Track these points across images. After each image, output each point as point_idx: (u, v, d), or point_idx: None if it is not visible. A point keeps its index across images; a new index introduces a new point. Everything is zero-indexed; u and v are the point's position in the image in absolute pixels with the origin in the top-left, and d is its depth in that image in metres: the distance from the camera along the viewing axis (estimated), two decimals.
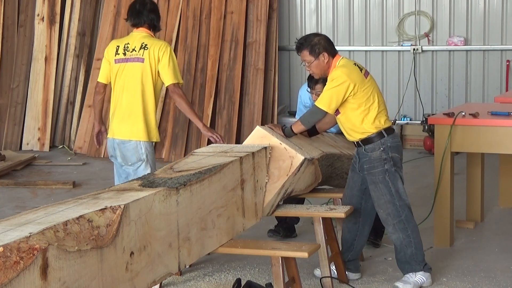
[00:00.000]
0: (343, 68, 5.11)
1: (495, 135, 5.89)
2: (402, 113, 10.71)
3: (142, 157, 5.61)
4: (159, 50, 5.58)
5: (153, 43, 5.62)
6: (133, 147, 5.62)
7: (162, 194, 3.84)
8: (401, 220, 5.18)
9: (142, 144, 5.62)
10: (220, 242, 4.52)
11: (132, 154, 5.63)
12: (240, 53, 10.31)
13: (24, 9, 11.22)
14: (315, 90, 5.80)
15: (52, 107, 10.94)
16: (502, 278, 5.40)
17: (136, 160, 5.63)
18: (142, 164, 5.62)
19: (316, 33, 5.37)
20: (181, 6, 10.55)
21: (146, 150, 5.62)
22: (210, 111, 10.15)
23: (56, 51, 11.05)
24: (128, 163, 5.66)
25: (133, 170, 5.63)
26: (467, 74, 10.50)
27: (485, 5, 10.32)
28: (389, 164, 5.15)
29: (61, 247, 3.05)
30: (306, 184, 5.49)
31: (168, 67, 5.56)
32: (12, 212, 7.15)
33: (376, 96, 5.16)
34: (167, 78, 5.58)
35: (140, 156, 5.62)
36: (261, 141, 5.21)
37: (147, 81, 5.59)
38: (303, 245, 4.68)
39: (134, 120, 5.61)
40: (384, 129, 5.17)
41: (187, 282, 5.42)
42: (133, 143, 5.62)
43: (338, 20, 10.89)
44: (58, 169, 9.60)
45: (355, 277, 5.42)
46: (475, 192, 6.74)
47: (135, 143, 5.61)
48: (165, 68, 5.57)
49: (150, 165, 5.63)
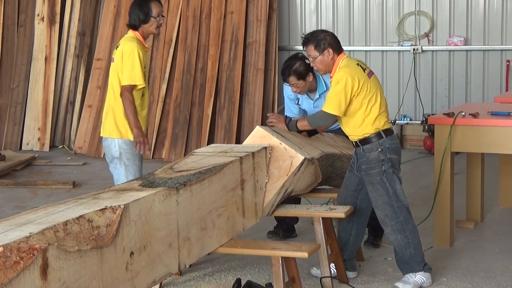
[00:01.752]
0: (345, 68, 5.10)
1: (495, 135, 5.89)
2: (402, 113, 10.70)
3: (116, 155, 5.67)
4: (124, 51, 5.64)
5: (123, 43, 5.70)
6: (108, 144, 5.74)
7: (162, 194, 3.84)
8: (399, 221, 5.18)
9: (116, 142, 5.69)
10: (220, 242, 4.52)
11: (108, 152, 5.76)
12: (240, 53, 10.31)
13: (24, 9, 11.22)
14: (289, 83, 5.92)
15: (52, 107, 10.94)
16: (502, 278, 5.40)
17: (111, 158, 5.73)
18: (118, 162, 5.67)
19: (324, 30, 5.39)
20: (181, 6, 10.55)
21: (120, 148, 5.67)
22: (210, 111, 10.15)
23: (56, 51, 11.04)
24: (108, 161, 5.80)
25: (112, 168, 5.75)
26: (467, 74, 10.50)
27: (485, 5, 10.32)
28: (387, 165, 5.15)
29: (61, 247, 3.05)
30: (306, 184, 5.49)
31: (126, 68, 5.63)
32: (12, 212, 7.15)
33: (378, 97, 5.16)
34: (122, 79, 5.65)
35: (114, 153, 5.69)
36: (261, 141, 5.21)
37: (116, 81, 5.69)
38: (303, 245, 4.68)
39: (108, 118, 5.75)
40: (383, 130, 5.16)
41: (187, 282, 5.42)
42: (108, 140, 5.74)
43: (338, 20, 10.89)
44: (58, 169, 9.60)
45: (352, 276, 5.43)
46: (475, 192, 6.74)
47: (110, 140, 5.73)
48: (124, 68, 5.64)
49: (125, 163, 5.65)
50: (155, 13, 5.67)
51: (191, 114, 10.24)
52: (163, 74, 10.46)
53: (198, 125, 10.20)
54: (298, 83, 5.87)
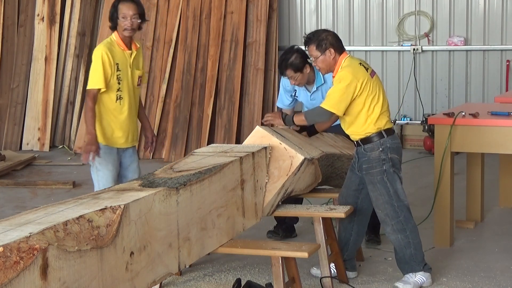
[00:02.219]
0: (348, 68, 5.10)
1: (495, 135, 5.89)
2: (402, 113, 10.70)
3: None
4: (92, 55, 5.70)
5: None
6: None
7: (162, 194, 3.84)
8: (399, 221, 5.18)
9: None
10: (220, 242, 4.52)
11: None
12: (240, 53, 10.31)
13: (24, 9, 11.22)
14: (287, 76, 5.92)
15: (52, 107, 10.95)
16: (502, 278, 5.40)
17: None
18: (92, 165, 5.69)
19: (326, 29, 5.39)
20: (181, 6, 10.55)
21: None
22: (210, 111, 10.15)
23: (56, 51, 11.05)
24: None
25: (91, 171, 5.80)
26: (467, 74, 10.50)
27: (485, 5, 10.31)
28: (388, 164, 5.15)
29: (61, 247, 3.05)
30: (306, 184, 5.49)
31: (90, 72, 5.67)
32: (12, 212, 7.15)
33: (381, 96, 5.16)
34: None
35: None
36: (261, 141, 5.21)
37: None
38: (303, 245, 4.68)
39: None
40: (384, 130, 5.16)
41: (187, 282, 5.42)
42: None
43: (338, 20, 10.89)
44: (58, 169, 9.60)
45: (352, 276, 5.43)
46: (475, 192, 6.74)
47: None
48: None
49: (97, 167, 5.64)
50: (121, 15, 5.57)
51: (191, 114, 10.24)
52: (163, 74, 10.46)
53: (198, 125, 10.20)
54: (295, 76, 5.88)
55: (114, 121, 5.65)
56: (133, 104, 5.75)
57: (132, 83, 5.71)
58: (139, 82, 5.77)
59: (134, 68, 5.72)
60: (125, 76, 5.65)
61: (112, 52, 5.58)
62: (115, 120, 5.66)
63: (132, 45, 5.71)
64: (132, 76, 5.69)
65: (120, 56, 5.62)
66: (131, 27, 5.59)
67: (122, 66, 5.63)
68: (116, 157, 5.71)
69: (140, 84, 5.79)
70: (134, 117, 5.81)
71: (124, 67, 5.64)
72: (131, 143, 5.79)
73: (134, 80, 5.72)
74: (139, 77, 5.76)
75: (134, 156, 5.84)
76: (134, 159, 5.83)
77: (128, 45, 5.68)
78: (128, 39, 5.66)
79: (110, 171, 5.65)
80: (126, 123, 5.70)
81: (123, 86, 5.64)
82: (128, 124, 5.72)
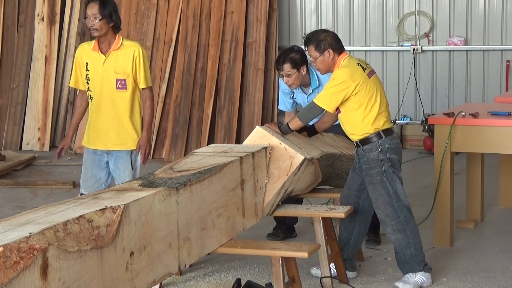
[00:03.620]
0: (345, 68, 5.11)
1: (495, 135, 5.89)
2: (402, 113, 10.71)
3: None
4: None
5: None
6: None
7: (162, 194, 3.84)
8: (399, 221, 5.18)
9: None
10: (220, 242, 4.52)
11: None
12: (240, 53, 10.31)
13: (24, 9, 11.22)
14: (283, 71, 5.86)
15: (52, 107, 10.94)
16: (502, 278, 5.40)
17: None
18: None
19: (325, 30, 5.40)
20: (181, 6, 10.55)
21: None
22: (210, 111, 10.15)
23: (56, 51, 11.04)
24: None
25: None
26: (467, 74, 10.50)
27: (485, 5, 10.32)
28: (387, 165, 5.15)
29: (61, 247, 3.05)
30: (306, 184, 5.49)
31: None
32: (12, 212, 7.14)
33: (379, 97, 5.16)
34: None
35: None
36: (261, 141, 5.21)
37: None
38: (303, 245, 4.68)
39: None
40: (382, 130, 5.16)
41: (187, 282, 5.42)
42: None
43: (338, 20, 10.89)
44: (58, 169, 9.59)
45: (351, 276, 5.43)
46: (475, 192, 6.74)
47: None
48: None
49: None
50: (86, 15, 5.58)
51: (191, 114, 10.24)
52: (163, 74, 10.46)
53: (198, 125, 10.20)
54: (291, 72, 5.81)
55: (91, 122, 5.68)
56: (110, 107, 5.57)
57: (109, 85, 5.53)
58: (120, 86, 5.53)
59: (111, 70, 5.52)
60: (96, 76, 5.56)
61: (86, 50, 5.62)
62: (91, 121, 5.69)
63: (113, 45, 5.54)
64: (106, 78, 5.52)
65: (91, 56, 5.59)
66: (93, 27, 5.52)
67: (92, 66, 5.57)
68: (93, 157, 5.71)
69: (122, 88, 5.54)
70: (114, 120, 5.58)
71: (93, 67, 5.56)
72: (112, 146, 5.62)
73: (110, 82, 5.52)
74: (119, 80, 5.52)
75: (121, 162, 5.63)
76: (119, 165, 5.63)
77: (103, 46, 5.56)
78: (104, 40, 5.56)
79: (85, 169, 5.78)
80: (100, 125, 5.60)
81: (93, 86, 5.58)
82: (102, 127, 5.59)
